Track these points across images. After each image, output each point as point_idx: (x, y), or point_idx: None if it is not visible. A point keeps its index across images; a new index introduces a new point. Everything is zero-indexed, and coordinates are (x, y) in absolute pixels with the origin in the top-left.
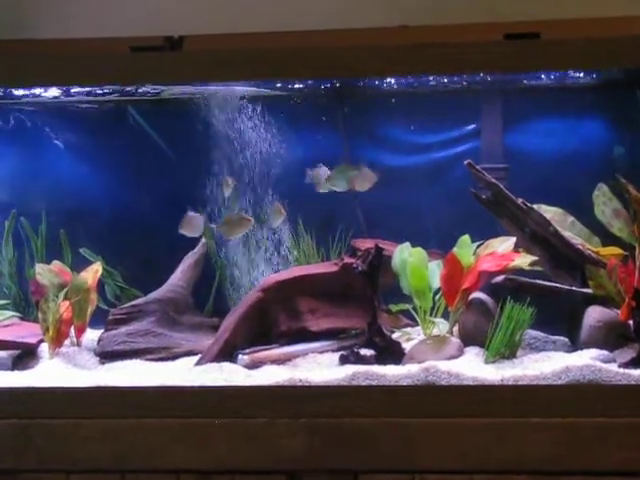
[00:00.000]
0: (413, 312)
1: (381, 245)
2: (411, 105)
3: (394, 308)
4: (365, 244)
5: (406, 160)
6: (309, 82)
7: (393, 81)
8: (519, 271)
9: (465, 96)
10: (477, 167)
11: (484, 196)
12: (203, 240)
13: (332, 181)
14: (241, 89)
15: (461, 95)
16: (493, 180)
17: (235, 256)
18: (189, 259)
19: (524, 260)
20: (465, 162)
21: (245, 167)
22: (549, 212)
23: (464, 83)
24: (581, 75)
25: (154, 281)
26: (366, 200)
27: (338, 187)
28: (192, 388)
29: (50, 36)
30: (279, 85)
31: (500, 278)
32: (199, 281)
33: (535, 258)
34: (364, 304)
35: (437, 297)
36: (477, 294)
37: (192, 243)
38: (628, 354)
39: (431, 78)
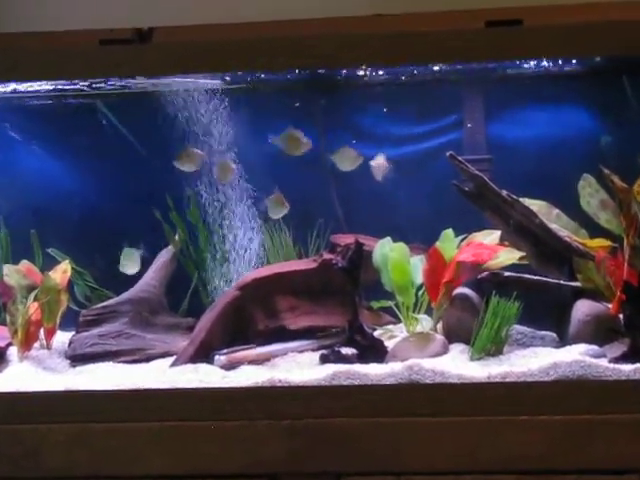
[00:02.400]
0: (395, 309)
1: (361, 240)
2: (390, 96)
3: (375, 305)
4: (345, 239)
5: (387, 152)
6: (284, 73)
7: (370, 71)
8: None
9: (446, 86)
10: (459, 158)
11: (467, 188)
12: (177, 238)
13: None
14: (214, 83)
15: (442, 85)
16: (476, 172)
17: (210, 253)
18: (161, 257)
19: (511, 255)
20: (447, 154)
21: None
22: (534, 205)
23: (445, 72)
24: (565, 62)
25: (126, 281)
26: (345, 194)
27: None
28: (167, 390)
29: (14, 29)
30: (251, 77)
31: (485, 273)
32: (173, 280)
33: (522, 253)
34: (344, 301)
35: (420, 293)
36: (461, 289)
37: (165, 241)
38: (619, 349)
39: (410, 68)
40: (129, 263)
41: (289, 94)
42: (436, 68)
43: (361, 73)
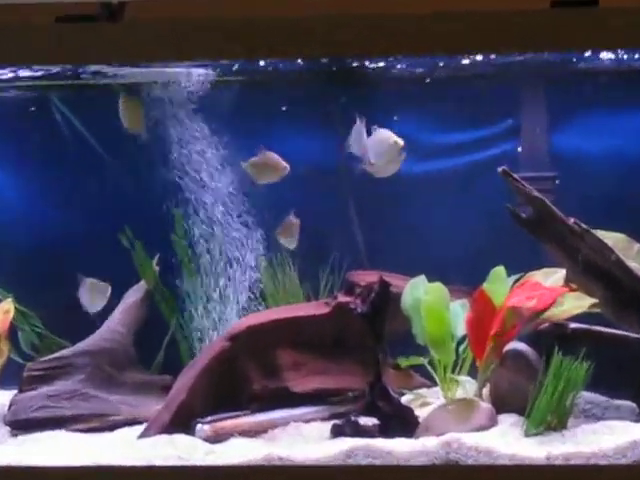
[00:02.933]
0: (429, 368)
1: (387, 279)
2: (425, 94)
3: (404, 363)
4: (366, 277)
5: (420, 166)
6: (292, 62)
7: (402, 64)
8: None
9: (500, 82)
10: (515, 176)
11: (524, 214)
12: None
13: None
14: (203, 73)
15: (494, 81)
16: (536, 193)
17: (193, 293)
18: (130, 297)
19: (579, 302)
20: (499, 169)
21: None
22: (609, 238)
23: (497, 65)
24: None
25: (84, 325)
26: (368, 218)
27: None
28: (136, 469)
29: None
30: (251, 67)
31: (545, 324)
32: (145, 326)
33: (593, 300)
34: (364, 357)
35: (462, 348)
36: (514, 344)
37: (134, 276)
38: None
39: (451, 58)
40: (93, 297)
41: (298, 89)
42: (484, 59)
43: (384, 64)
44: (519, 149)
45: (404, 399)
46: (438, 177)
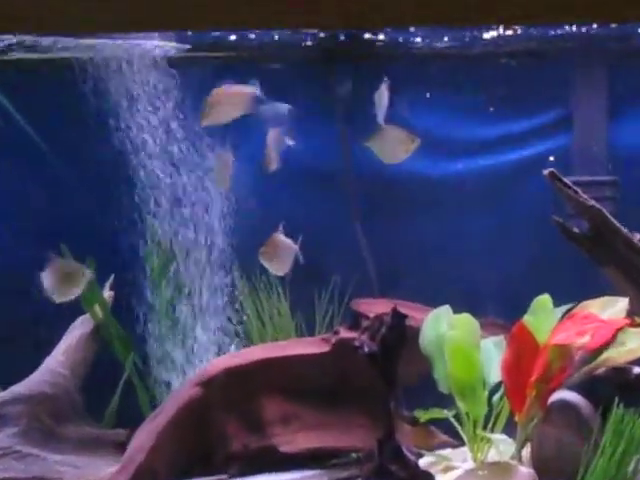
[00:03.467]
0: (455, 423)
1: (402, 309)
2: (452, 74)
3: (423, 416)
4: (375, 307)
5: (444, 164)
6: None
7: (419, 36)
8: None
9: (545, 62)
10: (565, 180)
11: (577, 229)
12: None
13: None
14: (176, 47)
15: (538, 60)
16: (592, 202)
17: (155, 324)
18: (75, 331)
19: None
20: (545, 171)
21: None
22: None
23: (540, 40)
24: None
25: (18, 366)
26: (378, 231)
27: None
28: None
29: None
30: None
31: (602, 368)
32: (94, 367)
33: None
34: (372, 408)
35: (496, 398)
36: (562, 393)
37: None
38: None
39: (484, 31)
40: (63, 282)
41: (294, 66)
42: (529, 32)
43: (401, 39)
44: (571, 146)
45: (422, 462)
46: (465, 178)
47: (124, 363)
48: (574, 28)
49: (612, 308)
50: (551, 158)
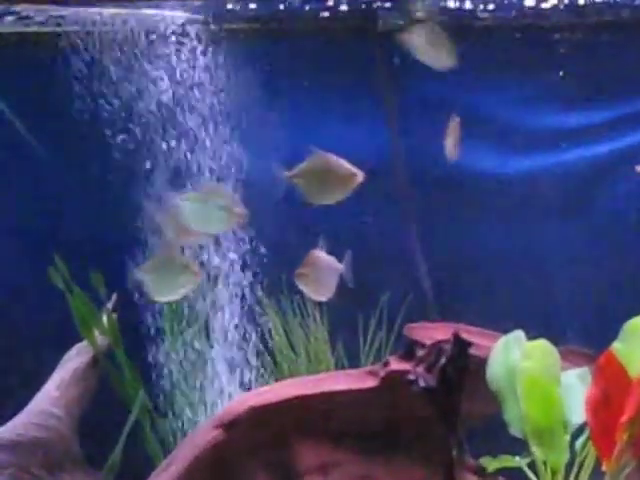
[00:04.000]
0: (530, 472)
1: (465, 335)
2: (518, 51)
3: (491, 464)
4: (433, 333)
5: (516, 160)
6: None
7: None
8: None
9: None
10: None
11: None
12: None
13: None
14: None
15: (623, 35)
16: None
17: (168, 356)
18: (71, 363)
19: None
20: (638, 167)
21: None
22: None
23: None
24: None
25: (3, 404)
26: (437, 242)
27: None
28: None
29: None
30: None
31: None
32: (93, 407)
33: None
34: (429, 454)
35: (579, 442)
36: None
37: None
38: None
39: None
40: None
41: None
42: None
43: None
44: None
45: None
46: (542, 176)
47: (131, 400)
48: None
49: None
50: None
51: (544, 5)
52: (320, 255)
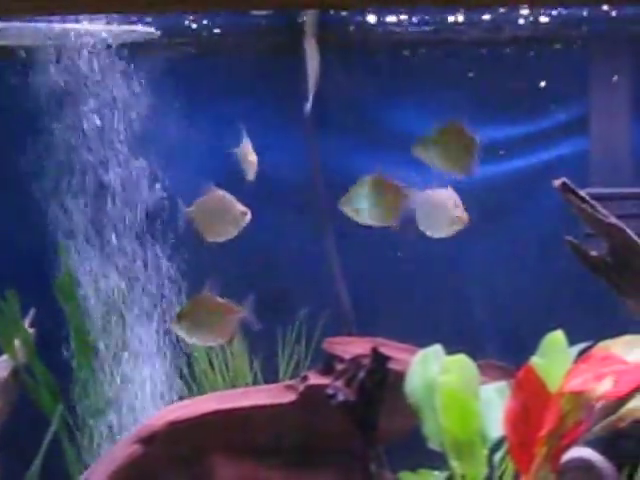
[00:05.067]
0: None
1: (384, 349)
2: (445, 65)
3: (410, 478)
4: (351, 347)
5: (425, 177)
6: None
7: (402, 18)
8: None
9: (554, 46)
10: (580, 192)
11: (595, 252)
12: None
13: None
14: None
15: (546, 45)
16: (613, 220)
17: (85, 369)
18: None
19: None
20: (556, 182)
21: None
22: None
23: (557, 23)
24: None
25: None
26: (354, 252)
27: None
28: None
29: None
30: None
31: (626, 420)
32: (12, 421)
33: None
34: (348, 470)
35: (497, 456)
36: (578, 451)
37: None
38: None
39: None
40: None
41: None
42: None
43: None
44: (588, 151)
45: None
46: (468, 191)
47: (50, 415)
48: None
49: (638, 348)
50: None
51: (460, 20)
52: (208, 297)
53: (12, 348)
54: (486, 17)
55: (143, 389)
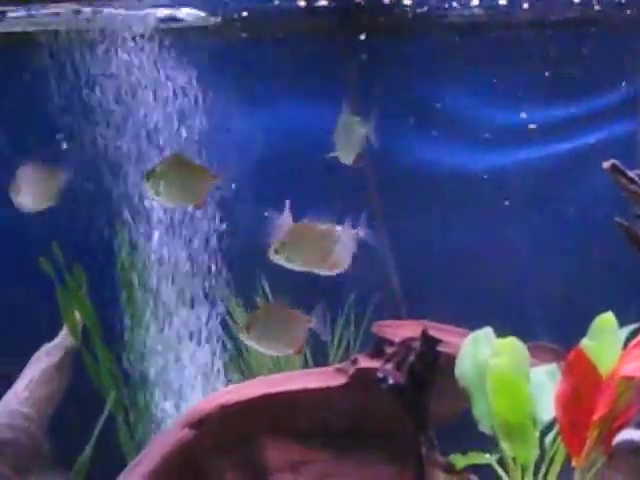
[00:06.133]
0: (499, 469)
1: (434, 332)
2: (496, 48)
3: (461, 461)
4: (402, 330)
5: (482, 158)
6: None
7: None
8: None
9: (605, 28)
10: (629, 173)
11: None
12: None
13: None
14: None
15: (597, 27)
16: None
17: (140, 349)
18: (41, 362)
19: None
20: (606, 164)
21: None
22: None
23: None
24: None
25: None
26: (403, 238)
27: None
28: None
29: None
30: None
31: None
32: (64, 404)
33: None
34: (398, 452)
35: (549, 438)
36: (630, 433)
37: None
38: None
39: None
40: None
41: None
42: None
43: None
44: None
45: None
46: (510, 173)
47: (105, 398)
48: None
49: None
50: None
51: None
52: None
53: (74, 322)
54: None
55: (195, 372)
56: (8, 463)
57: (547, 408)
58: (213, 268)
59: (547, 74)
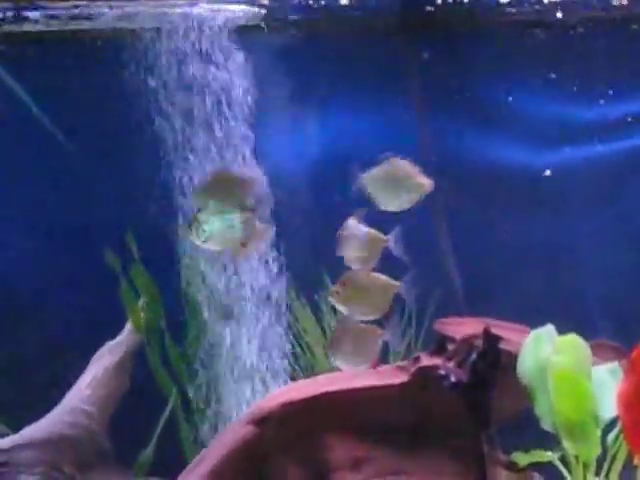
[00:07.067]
0: (561, 467)
1: (496, 330)
2: (552, 45)
3: (523, 459)
4: (463, 328)
5: (546, 155)
6: None
7: None
8: None
9: None
10: None
11: None
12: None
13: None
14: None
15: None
16: None
17: (203, 348)
18: (102, 360)
19: None
20: None
21: None
22: None
23: None
24: None
25: (33, 401)
26: (465, 235)
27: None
28: None
29: None
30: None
31: None
32: (126, 403)
33: None
34: (461, 450)
35: (611, 437)
36: None
37: (115, 327)
38: None
39: None
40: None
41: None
42: None
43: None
44: None
45: None
46: (576, 170)
47: (167, 396)
48: None
49: None
50: None
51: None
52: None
53: (138, 318)
54: None
55: (258, 370)
56: (70, 461)
57: (609, 406)
58: (276, 269)
59: (616, 70)
